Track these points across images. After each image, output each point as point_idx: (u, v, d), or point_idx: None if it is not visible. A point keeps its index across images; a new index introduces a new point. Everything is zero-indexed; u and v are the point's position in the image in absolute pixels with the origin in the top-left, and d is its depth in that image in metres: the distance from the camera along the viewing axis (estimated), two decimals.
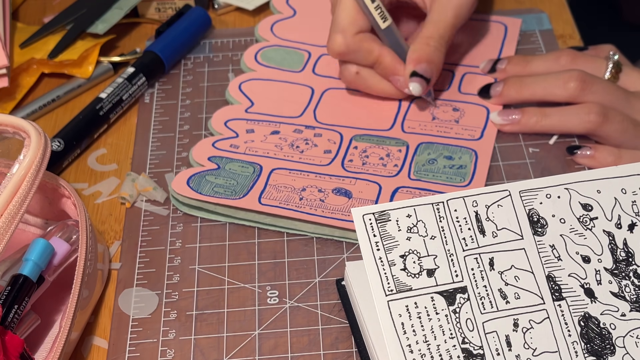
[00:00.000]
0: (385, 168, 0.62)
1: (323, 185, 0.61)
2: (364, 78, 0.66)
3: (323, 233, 0.59)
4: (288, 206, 0.59)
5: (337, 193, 0.60)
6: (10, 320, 0.49)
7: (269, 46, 0.73)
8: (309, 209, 0.59)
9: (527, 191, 0.50)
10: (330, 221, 0.58)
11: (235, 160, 0.63)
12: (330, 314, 0.55)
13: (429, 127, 0.66)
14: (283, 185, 0.61)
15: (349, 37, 0.63)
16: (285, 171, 0.62)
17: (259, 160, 0.63)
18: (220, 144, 0.64)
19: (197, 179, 0.61)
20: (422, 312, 0.46)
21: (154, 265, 0.58)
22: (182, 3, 0.77)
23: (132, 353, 0.53)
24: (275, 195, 0.60)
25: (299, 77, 0.70)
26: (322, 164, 0.63)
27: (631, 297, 0.48)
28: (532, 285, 0.48)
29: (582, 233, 0.49)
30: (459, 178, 0.61)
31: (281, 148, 0.64)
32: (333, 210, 0.59)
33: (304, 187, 0.60)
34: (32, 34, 0.73)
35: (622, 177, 0.51)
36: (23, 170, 0.49)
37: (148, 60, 0.70)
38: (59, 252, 0.53)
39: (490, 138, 0.65)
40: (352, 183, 0.61)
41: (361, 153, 0.63)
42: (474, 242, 0.48)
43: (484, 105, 0.67)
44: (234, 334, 0.54)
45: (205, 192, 0.60)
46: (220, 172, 0.62)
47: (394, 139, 0.65)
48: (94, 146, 0.67)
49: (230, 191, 0.60)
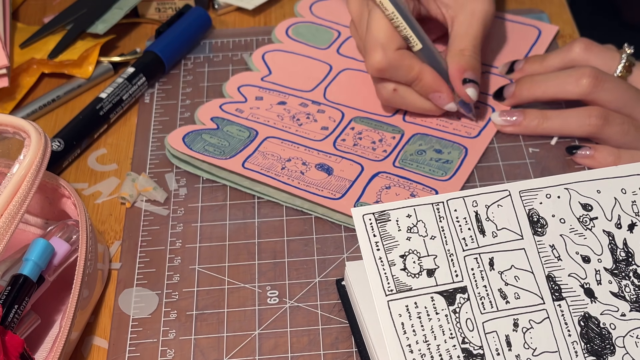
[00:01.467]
0: (373, 152, 0.63)
1: (308, 159, 0.62)
2: (402, 96, 0.64)
3: (294, 204, 0.60)
4: (268, 173, 0.60)
5: (319, 168, 0.61)
6: (10, 320, 0.49)
7: (302, 22, 0.75)
8: (286, 178, 0.60)
9: (527, 191, 0.50)
10: (302, 193, 0.59)
11: (235, 123, 0.65)
12: (330, 314, 0.55)
13: (429, 119, 0.66)
14: (271, 153, 0.62)
15: (390, 53, 0.62)
16: (278, 140, 0.64)
17: (257, 126, 0.65)
18: (227, 107, 0.66)
19: (193, 135, 0.63)
20: (422, 312, 0.46)
21: (154, 265, 0.58)
22: (182, 3, 0.77)
23: (132, 353, 0.53)
24: (260, 162, 0.61)
25: (322, 54, 0.71)
26: (316, 139, 0.64)
27: (631, 297, 0.48)
28: (532, 285, 0.48)
29: (582, 233, 0.49)
30: (441, 172, 0.62)
31: (282, 118, 0.65)
32: (309, 183, 0.60)
33: (290, 158, 0.62)
34: (32, 34, 0.73)
35: (622, 177, 0.51)
36: (23, 170, 0.49)
37: (148, 60, 0.70)
38: (59, 252, 0.53)
39: (486, 138, 0.65)
40: (337, 161, 0.62)
41: (356, 134, 0.64)
42: (474, 242, 0.48)
43: (490, 105, 0.67)
44: (234, 334, 0.54)
45: (195, 149, 0.62)
46: (217, 133, 0.64)
47: (391, 126, 0.65)
48: (94, 146, 0.67)
49: (220, 151, 0.62)
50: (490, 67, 0.70)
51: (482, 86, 0.68)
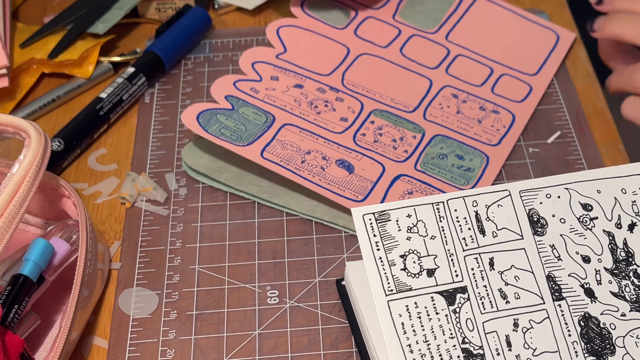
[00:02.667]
0: (394, 151, 0.62)
1: (329, 154, 0.60)
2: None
3: (314, 216, 0.59)
4: (288, 166, 0.59)
5: (340, 165, 0.60)
6: (10, 320, 0.49)
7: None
8: (307, 173, 0.59)
9: (527, 191, 0.50)
10: (324, 192, 0.58)
11: (250, 105, 0.63)
12: (330, 314, 0.55)
13: (451, 120, 0.65)
14: (290, 143, 0.60)
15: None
16: (297, 129, 0.62)
17: (274, 111, 0.63)
18: (241, 85, 0.64)
19: (207, 115, 0.61)
20: (422, 312, 0.46)
21: (154, 265, 0.58)
22: (182, 3, 0.77)
23: (132, 353, 0.53)
24: (279, 152, 0.59)
25: (339, 35, 0.69)
26: (335, 130, 0.62)
27: (631, 297, 0.48)
28: (532, 285, 0.48)
29: (582, 233, 0.49)
30: (463, 180, 0.61)
31: (299, 104, 0.64)
32: (330, 181, 0.59)
33: (309, 151, 0.60)
34: (32, 34, 0.73)
35: (622, 177, 0.51)
36: (23, 170, 0.49)
37: (148, 60, 0.70)
38: (59, 252, 0.53)
39: (507, 147, 0.63)
40: (358, 158, 0.61)
41: (376, 129, 0.63)
42: (474, 242, 0.48)
43: (511, 112, 0.65)
44: (234, 334, 0.54)
45: (211, 132, 0.60)
46: (232, 114, 0.61)
47: (412, 123, 0.64)
48: (94, 146, 0.67)
49: (237, 136, 0.60)
50: (510, 70, 0.69)
51: (504, 89, 0.66)
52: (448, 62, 0.68)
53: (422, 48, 0.69)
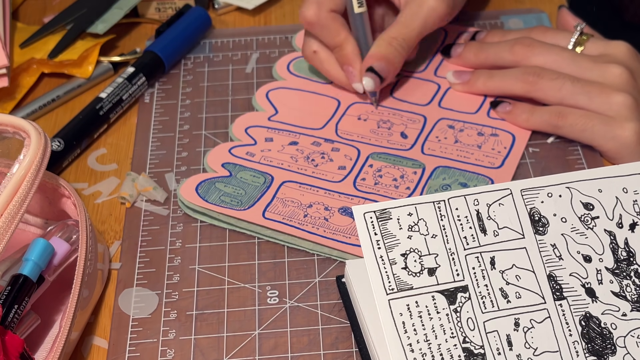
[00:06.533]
0: (397, 190, 0.61)
1: (330, 204, 0.60)
2: (320, 59, 0.66)
3: (322, 251, 0.58)
4: (291, 222, 0.58)
5: (343, 213, 0.59)
6: (10, 320, 0.48)
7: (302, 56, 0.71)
8: (311, 227, 0.58)
9: (529, 190, 0.50)
10: (330, 242, 0.57)
11: (248, 168, 0.62)
12: (330, 313, 0.55)
13: (450, 150, 0.64)
14: (291, 199, 0.60)
15: (323, 11, 0.64)
16: (296, 185, 0.61)
17: (271, 170, 0.62)
18: (236, 151, 0.64)
19: (206, 185, 0.61)
20: (423, 311, 0.46)
21: (154, 265, 0.58)
22: (182, 3, 0.77)
23: (132, 353, 0.53)
24: (281, 210, 0.59)
25: (328, 89, 0.69)
26: (335, 180, 0.62)
27: (632, 296, 0.48)
28: (533, 285, 0.48)
29: (583, 232, 0.49)
30: None
31: (296, 160, 0.63)
32: (335, 230, 0.58)
33: (311, 204, 0.59)
34: (32, 34, 0.73)
35: (623, 177, 0.51)
36: (23, 170, 0.49)
37: (148, 60, 0.70)
38: (59, 252, 0.53)
39: (511, 167, 0.62)
40: (360, 203, 0.59)
41: (375, 172, 0.62)
42: (475, 240, 0.48)
43: (510, 132, 0.65)
44: (234, 334, 0.54)
45: (211, 201, 0.59)
46: (231, 181, 0.61)
47: (410, 160, 0.63)
48: (94, 146, 0.67)
49: (237, 201, 0.59)
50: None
51: (498, 110, 0.67)
52: (440, 96, 0.68)
53: (412, 87, 0.69)
